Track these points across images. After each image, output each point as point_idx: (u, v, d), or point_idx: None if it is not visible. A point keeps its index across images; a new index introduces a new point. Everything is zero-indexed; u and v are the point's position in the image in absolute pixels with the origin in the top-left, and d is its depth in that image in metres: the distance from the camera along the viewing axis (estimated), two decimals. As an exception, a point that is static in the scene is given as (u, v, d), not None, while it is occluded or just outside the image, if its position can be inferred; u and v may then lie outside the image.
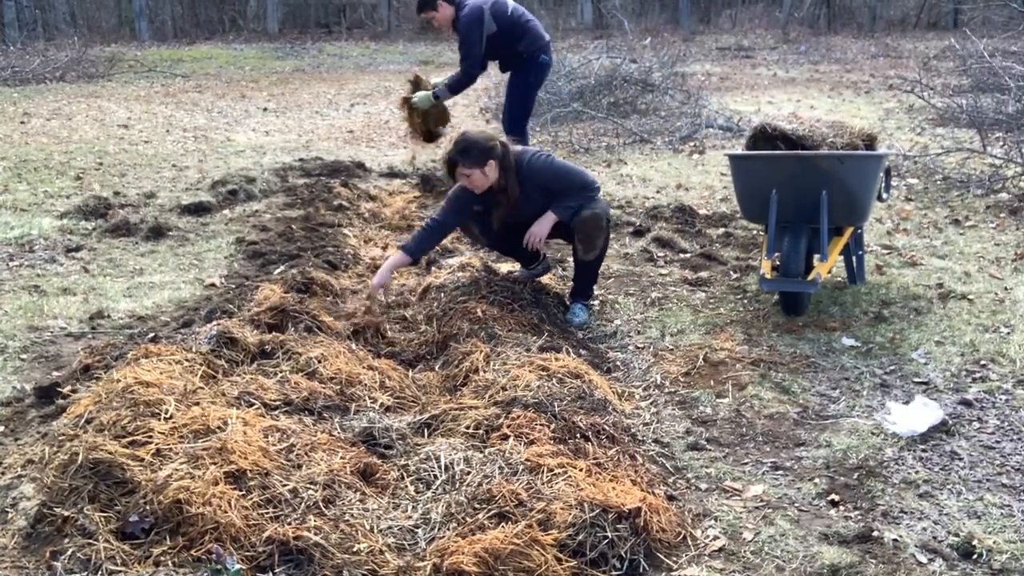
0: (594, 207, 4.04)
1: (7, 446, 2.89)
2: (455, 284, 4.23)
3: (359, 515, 2.39)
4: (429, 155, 8.72)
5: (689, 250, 5.29)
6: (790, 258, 4.01)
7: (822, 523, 2.49)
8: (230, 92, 13.56)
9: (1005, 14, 14.73)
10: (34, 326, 4.05)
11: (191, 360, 3.10)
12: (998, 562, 2.29)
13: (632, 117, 10.23)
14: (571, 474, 2.51)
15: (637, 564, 2.27)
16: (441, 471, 2.58)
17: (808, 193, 3.96)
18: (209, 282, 4.73)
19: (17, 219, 5.96)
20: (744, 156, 4.30)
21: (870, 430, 3.04)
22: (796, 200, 4.00)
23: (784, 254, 4.05)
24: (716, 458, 2.90)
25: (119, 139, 9.43)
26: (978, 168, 7.15)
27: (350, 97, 13.16)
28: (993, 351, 3.66)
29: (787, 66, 15.71)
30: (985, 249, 5.12)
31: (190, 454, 2.45)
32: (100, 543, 2.18)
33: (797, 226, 4.06)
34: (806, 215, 4.01)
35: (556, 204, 4.03)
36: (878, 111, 10.52)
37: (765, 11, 23.22)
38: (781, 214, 4.04)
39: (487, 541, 2.19)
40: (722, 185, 6.99)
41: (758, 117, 9.26)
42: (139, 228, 5.72)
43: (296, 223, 5.82)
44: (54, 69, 14.68)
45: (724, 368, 3.60)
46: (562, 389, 3.04)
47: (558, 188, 4.03)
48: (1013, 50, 9.96)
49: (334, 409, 2.98)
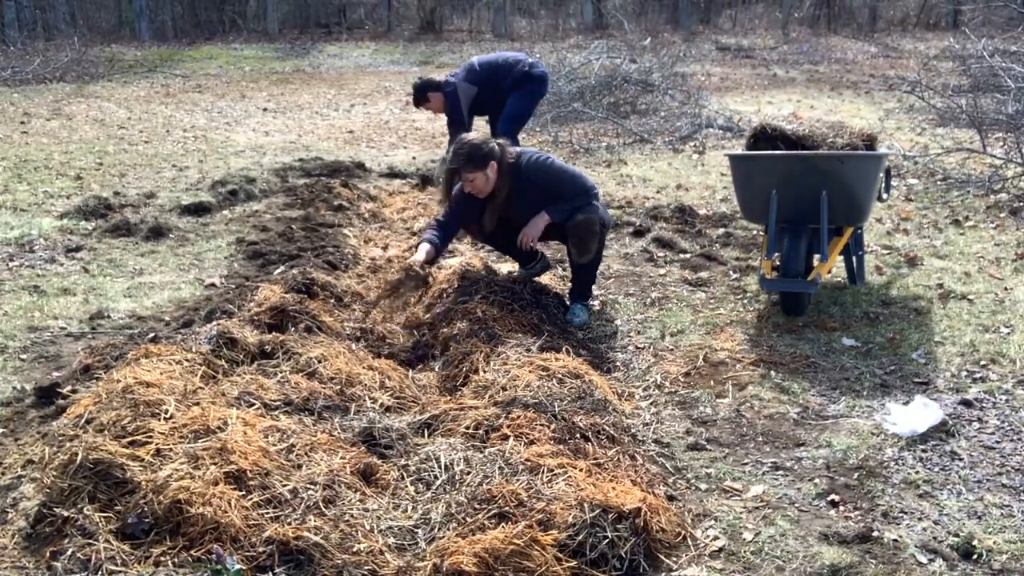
0: (589, 211, 4.03)
1: (7, 446, 2.89)
2: (455, 284, 4.23)
3: (359, 515, 2.39)
4: (429, 155, 8.72)
5: (689, 250, 5.29)
6: (790, 258, 4.01)
7: (822, 523, 2.49)
8: (230, 92, 13.56)
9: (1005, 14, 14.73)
10: (34, 326, 4.05)
11: (191, 360, 3.10)
12: (998, 562, 2.29)
13: (632, 117, 10.24)
14: (571, 474, 2.51)
15: (637, 564, 2.27)
16: (441, 471, 2.58)
17: (808, 193, 3.96)
18: (209, 282, 4.73)
19: (17, 219, 5.96)
20: (744, 156, 4.30)
21: (870, 430, 3.04)
22: (796, 200, 4.00)
23: (784, 254, 4.05)
24: (716, 458, 2.90)
25: (119, 139, 9.43)
26: (978, 168, 7.16)
27: (350, 97, 13.16)
28: (993, 351, 3.66)
29: (787, 66, 15.71)
30: (985, 249, 5.12)
31: (190, 454, 2.45)
32: (100, 543, 2.18)
33: (797, 226, 4.06)
34: (806, 215, 4.01)
35: (552, 205, 4.03)
36: (878, 111, 10.52)
37: (765, 11, 23.23)
38: (781, 214, 4.04)
39: (487, 541, 2.19)
40: (722, 185, 6.99)
41: (758, 117, 9.25)
42: (139, 228, 5.72)
43: (296, 223, 5.82)
44: (54, 69, 14.69)
45: (724, 368, 3.60)
46: (562, 389, 3.04)
47: (555, 190, 4.04)
48: (1013, 50, 9.95)
49: (334, 409, 2.98)
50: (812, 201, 3.95)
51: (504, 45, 19.17)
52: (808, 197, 3.96)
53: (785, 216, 4.05)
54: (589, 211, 4.04)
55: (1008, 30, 12.34)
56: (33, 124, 10.21)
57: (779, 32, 20.34)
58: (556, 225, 4.09)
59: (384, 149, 9.26)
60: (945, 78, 11.79)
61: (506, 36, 20.87)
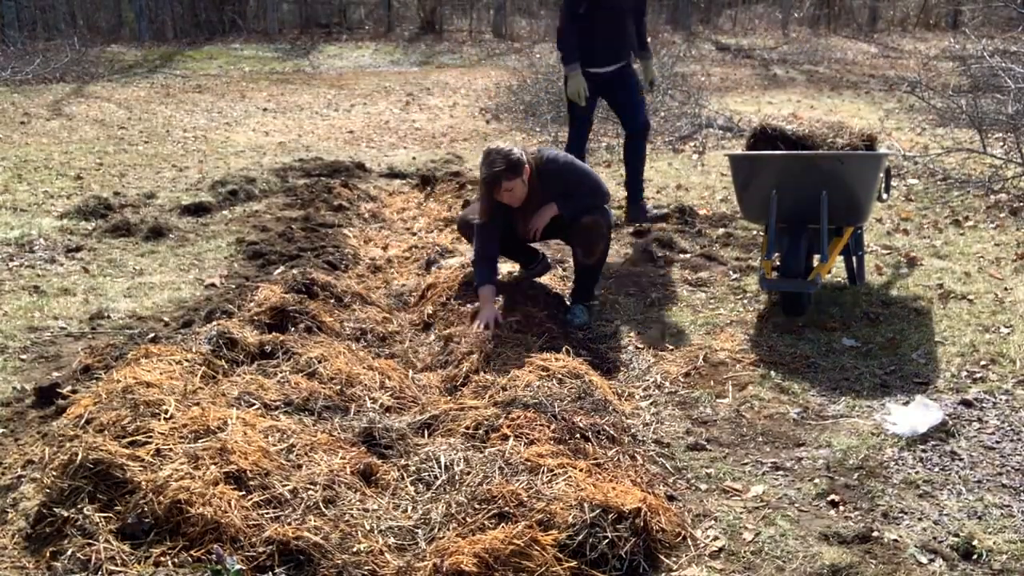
0: (597, 214, 4.04)
1: (7, 446, 2.89)
2: (455, 284, 4.24)
3: (359, 515, 2.39)
4: (429, 155, 8.72)
5: (689, 250, 5.29)
6: (790, 258, 4.01)
7: (822, 523, 2.49)
8: (230, 92, 13.56)
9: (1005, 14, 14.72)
10: (34, 326, 4.05)
11: (191, 360, 3.10)
12: (998, 562, 2.29)
13: (632, 117, 10.21)
14: (571, 474, 2.51)
15: (637, 564, 2.27)
16: (441, 471, 2.58)
17: (808, 193, 3.95)
18: (209, 282, 4.73)
19: (17, 219, 5.96)
20: (744, 156, 4.30)
21: (870, 430, 3.04)
22: (796, 200, 4.00)
23: (784, 254, 4.05)
24: (716, 458, 2.90)
25: (119, 139, 9.43)
26: (978, 168, 7.15)
27: (350, 97, 13.16)
28: (993, 351, 3.66)
29: (787, 66, 15.71)
30: (985, 249, 5.12)
31: (190, 454, 2.45)
32: (100, 543, 2.18)
33: (797, 226, 4.06)
34: (806, 215, 4.01)
35: (562, 199, 4.01)
36: (878, 111, 10.51)
37: (765, 11, 23.22)
38: (781, 214, 4.04)
39: (487, 541, 2.19)
40: (722, 185, 6.99)
41: (758, 117, 9.26)
42: (139, 228, 5.72)
43: (296, 223, 5.82)
44: (54, 69, 14.68)
45: (724, 368, 3.60)
46: (562, 389, 3.04)
47: (570, 187, 4.03)
48: (1013, 50, 9.95)
49: (334, 409, 2.98)
50: (812, 201, 3.95)
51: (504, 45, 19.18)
52: (808, 197, 3.96)
53: (785, 216, 4.05)
54: (597, 213, 4.04)
55: (1008, 30, 12.35)
56: (33, 124, 10.21)
57: (779, 32, 20.34)
58: (559, 225, 4.08)
59: (384, 149, 9.26)
60: (945, 78, 11.79)
61: (506, 36, 20.87)
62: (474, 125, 10.66)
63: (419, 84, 14.57)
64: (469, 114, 11.21)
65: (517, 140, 9.76)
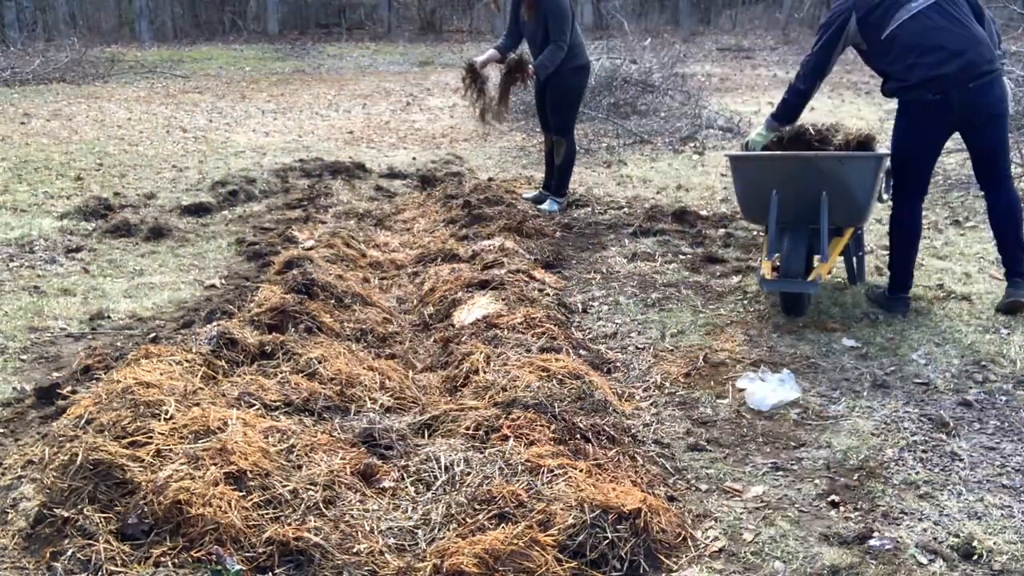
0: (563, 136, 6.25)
1: (7, 446, 2.89)
2: (455, 284, 4.23)
3: (359, 516, 2.39)
4: (429, 156, 8.73)
5: (689, 251, 5.29)
6: (790, 259, 4.01)
7: (822, 524, 2.49)
8: (230, 93, 13.56)
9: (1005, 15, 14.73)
10: (34, 327, 4.05)
11: (191, 361, 3.10)
12: (998, 563, 2.29)
13: (632, 118, 10.24)
14: (571, 475, 2.51)
15: (637, 565, 2.27)
16: (441, 472, 2.58)
17: (808, 194, 3.95)
18: (209, 283, 4.73)
19: (17, 219, 5.96)
20: (744, 157, 4.30)
21: (870, 431, 3.04)
22: (796, 201, 4.00)
23: (784, 255, 4.05)
24: (716, 459, 2.90)
25: (119, 140, 9.43)
26: (978, 169, 7.14)
27: (350, 98, 13.17)
28: (993, 352, 3.66)
29: (787, 66, 15.71)
30: (985, 250, 5.12)
31: (190, 455, 2.45)
32: (100, 544, 2.18)
33: (797, 227, 4.06)
34: (806, 216, 4.01)
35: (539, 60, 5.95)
36: (878, 111, 10.52)
37: (765, 12, 23.24)
38: (781, 215, 4.04)
39: (487, 542, 2.19)
40: (722, 186, 6.99)
41: (758, 118, 9.26)
42: (139, 229, 5.72)
43: (296, 224, 5.82)
44: (54, 69, 14.70)
45: (724, 369, 3.60)
46: (562, 390, 3.04)
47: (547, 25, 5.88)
48: (1013, 50, 9.95)
49: (334, 410, 2.98)
50: (812, 202, 3.95)
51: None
52: (808, 198, 3.95)
53: (785, 217, 4.05)
54: (563, 136, 6.22)
55: (1008, 30, 12.33)
56: (33, 124, 10.22)
57: (779, 32, 20.35)
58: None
59: (384, 150, 9.27)
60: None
61: (506, 37, 20.84)
62: (474, 126, 10.65)
63: (419, 84, 14.58)
64: (469, 114, 11.21)
65: (517, 140, 9.77)
